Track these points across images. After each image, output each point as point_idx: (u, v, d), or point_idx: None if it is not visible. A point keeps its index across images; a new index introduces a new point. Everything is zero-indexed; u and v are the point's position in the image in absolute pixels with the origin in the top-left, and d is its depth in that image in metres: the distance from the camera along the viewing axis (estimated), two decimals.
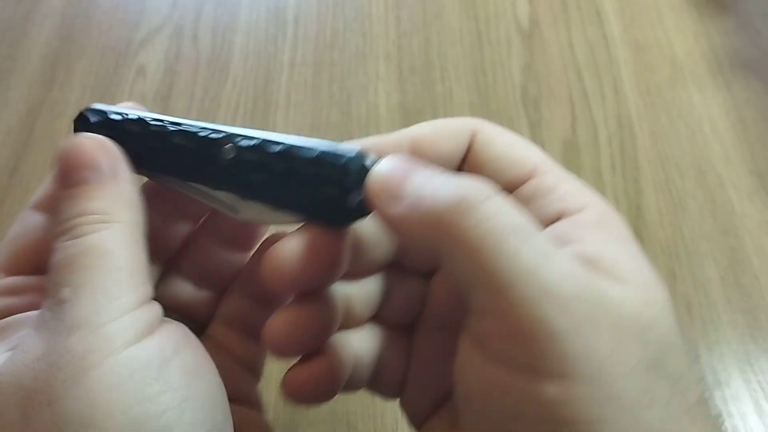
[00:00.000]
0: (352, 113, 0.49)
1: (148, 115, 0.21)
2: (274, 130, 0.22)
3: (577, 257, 0.18)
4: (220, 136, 0.20)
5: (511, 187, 0.21)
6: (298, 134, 0.24)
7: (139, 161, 0.21)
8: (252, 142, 0.20)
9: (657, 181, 0.46)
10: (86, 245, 0.19)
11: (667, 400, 0.16)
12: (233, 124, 0.21)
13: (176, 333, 0.19)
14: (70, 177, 0.20)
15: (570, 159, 0.47)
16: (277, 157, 0.20)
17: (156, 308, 0.19)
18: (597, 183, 0.46)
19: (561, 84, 0.51)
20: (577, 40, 0.53)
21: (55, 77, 0.51)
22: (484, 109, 0.49)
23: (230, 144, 0.20)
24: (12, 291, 0.21)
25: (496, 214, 0.16)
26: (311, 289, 0.21)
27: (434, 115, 0.49)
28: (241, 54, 0.53)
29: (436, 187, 0.17)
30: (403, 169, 0.18)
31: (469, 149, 0.22)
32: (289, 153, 0.20)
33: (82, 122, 0.21)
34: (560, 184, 0.21)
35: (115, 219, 0.19)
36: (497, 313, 0.16)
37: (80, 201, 0.19)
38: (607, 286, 0.17)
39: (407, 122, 0.48)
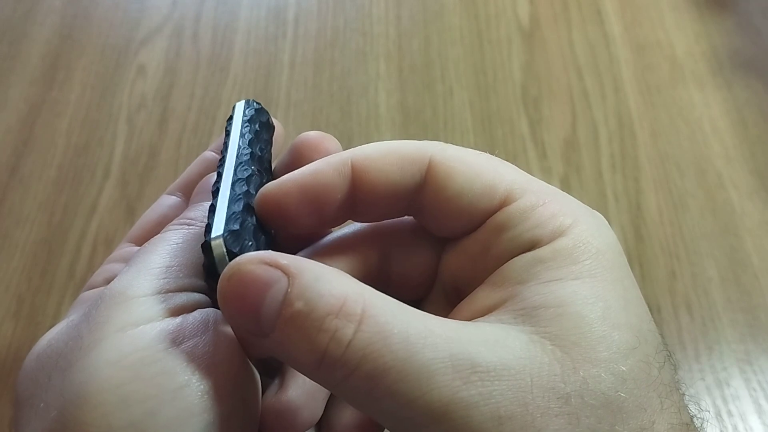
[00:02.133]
0: (352, 112, 0.49)
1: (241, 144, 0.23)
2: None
3: (507, 312, 0.17)
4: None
5: (482, 220, 0.19)
6: (298, 134, 0.24)
7: None
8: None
9: (657, 180, 0.46)
10: (159, 237, 0.21)
11: None
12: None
13: (200, 321, 0.19)
14: (196, 197, 0.23)
15: (570, 158, 0.47)
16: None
17: (194, 297, 0.20)
18: (597, 182, 0.46)
19: (561, 83, 0.51)
20: (578, 40, 0.53)
21: (56, 76, 0.51)
22: (485, 108, 0.49)
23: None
24: (127, 259, 0.22)
25: (360, 363, 0.15)
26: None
27: (435, 114, 0.49)
28: (242, 53, 0.53)
29: (292, 334, 0.16)
30: (254, 288, 0.16)
31: (426, 179, 0.19)
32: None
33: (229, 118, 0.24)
34: (535, 209, 0.18)
35: (198, 224, 0.21)
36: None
37: (186, 212, 0.22)
38: (519, 357, 0.15)
39: (407, 121, 0.48)
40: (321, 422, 0.22)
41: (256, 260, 0.17)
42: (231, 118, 0.24)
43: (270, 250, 0.18)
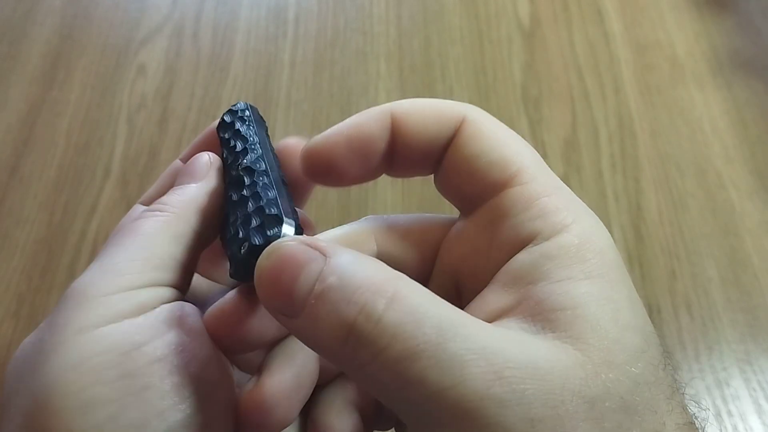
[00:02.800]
0: (352, 112, 0.49)
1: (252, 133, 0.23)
2: (274, 129, 0.22)
3: (523, 318, 0.16)
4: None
5: (489, 192, 0.19)
6: (298, 133, 0.24)
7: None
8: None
9: (657, 180, 0.46)
10: (128, 227, 0.20)
11: None
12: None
13: (162, 320, 0.19)
14: (178, 180, 0.23)
15: (570, 158, 0.47)
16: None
17: (159, 293, 0.19)
18: (597, 182, 0.46)
19: (561, 83, 0.51)
20: (578, 40, 0.53)
21: (56, 76, 0.51)
22: (485, 107, 0.49)
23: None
24: None
25: (391, 342, 0.15)
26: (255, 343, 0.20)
27: None
28: (242, 53, 0.53)
29: (322, 309, 0.15)
30: (292, 264, 0.16)
31: (455, 136, 0.20)
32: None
33: (223, 120, 0.24)
34: (540, 198, 0.18)
35: (169, 211, 0.21)
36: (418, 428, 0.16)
37: (166, 195, 0.22)
38: (548, 359, 0.15)
39: None
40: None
41: (296, 240, 0.17)
42: (226, 122, 0.24)
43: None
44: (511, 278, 0.18)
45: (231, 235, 0.20)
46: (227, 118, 0.24)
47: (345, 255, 0.16)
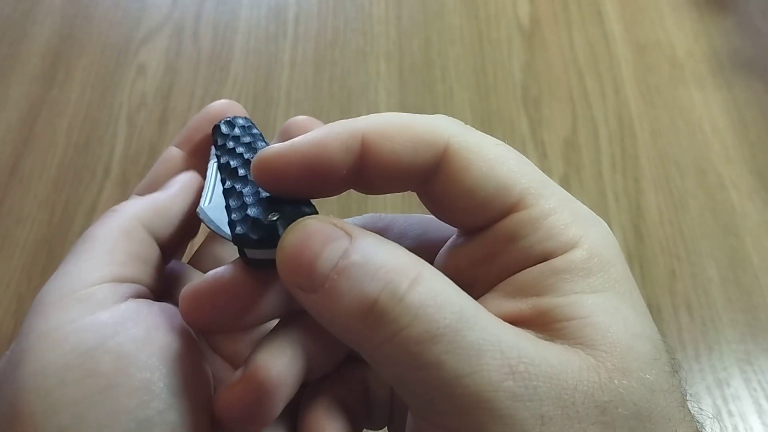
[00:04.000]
0: (352, 112, 0.49)
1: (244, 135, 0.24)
2: (274, 129, 0.22)
3: (529, 328, 0.16)
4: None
5: (492, 219, 0.18)
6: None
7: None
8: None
9: (657, 180, 0.46)
10: (83, 235, 0.21)
11: None
12: None
13: (126, 316, 0.18)
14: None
15: (570, 158, 0.47)
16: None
17: (120, 289, 0.19)
18: (597, 182, 0.46)
19: (561, 83, 0.51)
20: (578, 40, 0.53)
21: (56, 75, 0.51)
22: (485, 108, 0.49)
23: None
24: None
25: (412, 322, 0.14)
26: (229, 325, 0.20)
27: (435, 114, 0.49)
28: (242, 53, 0.53)
29: (344, 283, 0.15)
30: (316, 239, 0.16)
31: (441, 166, 0.18)
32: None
33: (217, 127, 0.24)
34: (547, 217, 0.18)
35: (119, 209, 0.21)
36: (434, 419, 0.15)
37: (124, 202, 0.23)
38: (561, 360, 0.15)
39: None
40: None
41: (323, 218, 0.17)
42: (223, 133, 0.24)
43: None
44: (514, 289, 0.18)
45: (244, 208, 0.19)
46: (224, 129, 0.24)
47: (370, 237, 0.16)
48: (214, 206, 0.21)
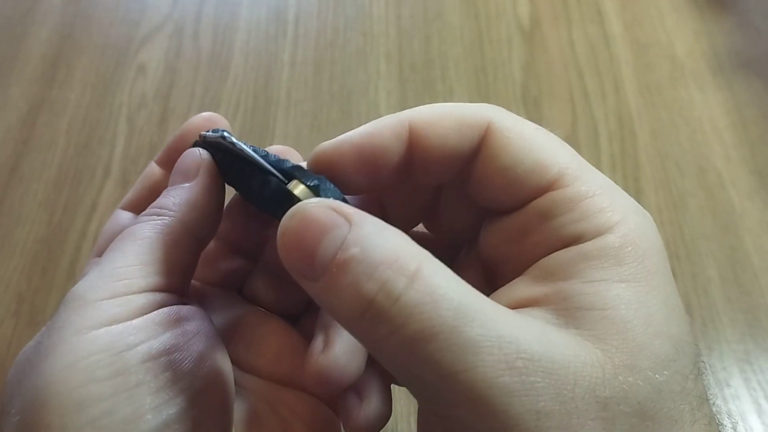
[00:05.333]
0: (352, 112, 0.49)
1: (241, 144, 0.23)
2: (274, 129, 0.23)
3: (540, 298, 0.16)
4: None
5: (529, 198, 0.19)
6: (298, 133, 0.24)
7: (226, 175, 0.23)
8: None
9: (657, 179, 0.46)
10: (127, 232, 0.20)
11: None
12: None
13: (158, 322, 0.19)
14: (171, 180, 0.23)
15: None
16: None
17: (156, 298, 0.20)
18: None
19: (561, 83, 0.51)
20: (578, 39, 0.53)
21: (56, 75, 0.51)
22: None
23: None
24: None
25: (407, 321, 0.14)
26: None
27: None
28: (242, 52, 0.53)
29: (342, 279, 0.15)
30: (316, 227, 0.16)
31: (481, 145, 0.19)
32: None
33: (203, 138, 0.24)
34: (583, 199, 0.18)
35: (166, 215, 0.21)
36: (435, 411, 0.16)
37: (159, 199, 0.22)
38: (564, 354, 0.15)
39: None
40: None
41: (322, 204, 0.16)
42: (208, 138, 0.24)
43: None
44: (543, 272, 0.18)
45: (264, 178, 0.20)
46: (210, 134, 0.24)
47: (370, 225, 0.16)
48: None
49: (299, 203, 0.17)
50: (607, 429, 0.15)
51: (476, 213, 0.21)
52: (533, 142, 0.18)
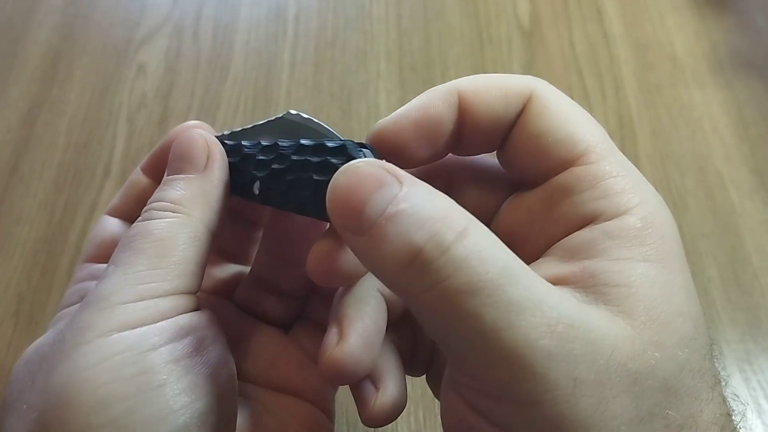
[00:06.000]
0: (352, 111, 0.49)
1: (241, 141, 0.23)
2: None
3: (568, 277, 0.17)
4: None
5: (554, 169, 0.19)
6: None
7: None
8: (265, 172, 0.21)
9: (657, 179, 0.46)
10: (144, 229, 0.20)
11: None
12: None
13: (180, 326, 0.19)
14: (172, 165, 0.22)
15: None
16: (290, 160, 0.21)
17: (179, 303, 0.20)
18: None
19: (562, 83, 0.51)
20: (578, 39, 0.53)
21: (56, 75, 0.51)
22: None
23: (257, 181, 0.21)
24: (96, 277, 0.22)
25: (455, 273, 0.15)
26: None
27: None
28: (242, 52, 0.53)
29: (391, 230, 0.15)
30: (367, 184, 0.16)
31: (523, 112, 0.19)
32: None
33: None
34: (606, 178, 0.18)
35: (183, 212, 0.21)
36: (467, 369, 0.16)
37: (166, 189, 0.21)
38: (600, 326, 0.15)
39: None
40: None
41: (375, 163, 0.17)
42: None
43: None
44: (568, 252, 0.18)
45: (292, 171, 0.20)
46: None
47: (421, 186, 0.16)
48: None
49: (350, 162, 0.17)
50: (636, 402, 0.15)
51: (498, 193, 0.22)
52: (568, 116, 0.19)
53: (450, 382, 0.18)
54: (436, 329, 0.16)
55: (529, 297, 0.15)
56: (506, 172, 0.21)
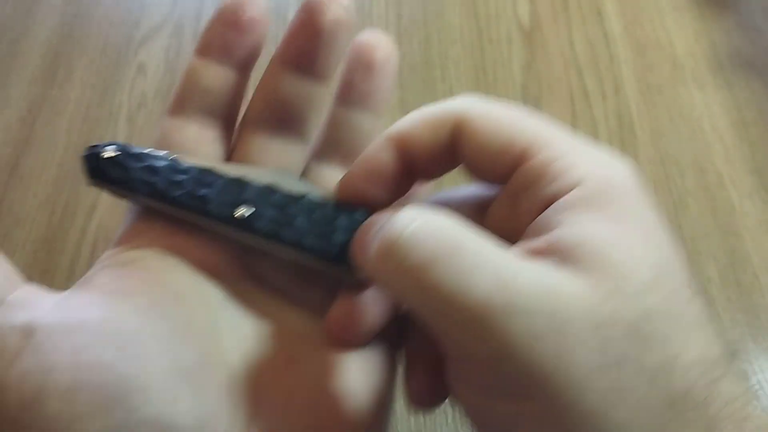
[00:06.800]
0: None
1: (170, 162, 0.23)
2: None
3: (531, 252, 0.18)
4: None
5: (506, 175, 0.20)
6: None
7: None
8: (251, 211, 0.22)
9: (657, 179, 0.46)
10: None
11: (642, 396, 0.16)
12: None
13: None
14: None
15: None
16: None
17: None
18: None
19: (562, 83, 0.51)
20: (578, 39, 0.53)
21: (56, 75, 0.51)
22: None
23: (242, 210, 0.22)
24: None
25: (410, 252, 0.17)
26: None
27: None
28: None
29: (373, 234, 0.18)
30: (372, 224, 0.19)
31: (457, 136, 0.20)
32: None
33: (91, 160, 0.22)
34: (551, 163, 0.19)
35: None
36: (454, 351, 0.18)
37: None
38: (557, 281, 0.16)
39: None
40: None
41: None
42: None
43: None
44: (533, 232, 0.19)
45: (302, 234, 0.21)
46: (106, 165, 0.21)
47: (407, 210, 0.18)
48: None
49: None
50: (601, 349, 0.16)
51: (481, 212, 0.23)
52: (499, 124, 0.20)
53: (451, 373, 0.19)
54: (413, 307, 0.18)
55: (483, 260, 0.16)
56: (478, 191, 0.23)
